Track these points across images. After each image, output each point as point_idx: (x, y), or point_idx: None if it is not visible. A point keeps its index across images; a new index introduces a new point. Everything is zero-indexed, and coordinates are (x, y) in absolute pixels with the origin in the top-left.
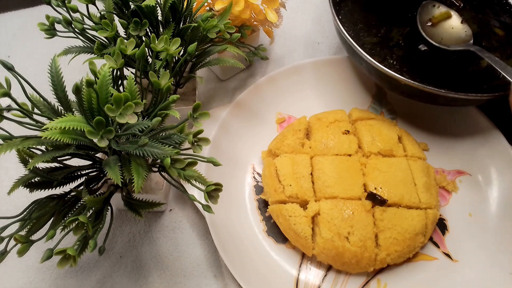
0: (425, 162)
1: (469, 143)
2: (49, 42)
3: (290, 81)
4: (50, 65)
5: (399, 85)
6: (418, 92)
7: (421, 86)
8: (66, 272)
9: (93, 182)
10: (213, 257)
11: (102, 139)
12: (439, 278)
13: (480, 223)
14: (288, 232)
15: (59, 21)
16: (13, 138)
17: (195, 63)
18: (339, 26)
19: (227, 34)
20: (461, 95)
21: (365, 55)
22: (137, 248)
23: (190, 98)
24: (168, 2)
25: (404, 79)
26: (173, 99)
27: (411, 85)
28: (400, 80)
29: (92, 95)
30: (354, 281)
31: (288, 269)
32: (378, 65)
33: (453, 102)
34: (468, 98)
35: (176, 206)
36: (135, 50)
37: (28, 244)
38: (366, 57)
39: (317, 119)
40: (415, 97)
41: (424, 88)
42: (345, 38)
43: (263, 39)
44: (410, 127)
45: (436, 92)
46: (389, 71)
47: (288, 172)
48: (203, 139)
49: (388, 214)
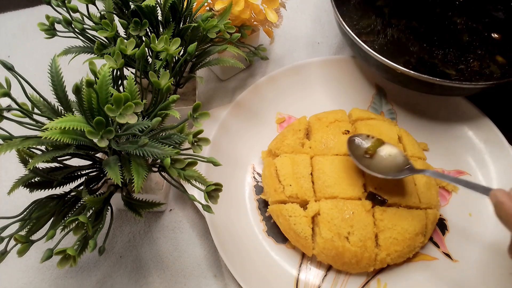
0: (425, 162)
1: (469, 143)
2: (49, 42)
3: (290, 81)
4: (50, 65)
5: (396, 74)
6: (414, 81)
7: (416, 75)
8: (66, 272)
9: (93, 182)
10: (213, 257)
11: (102, 139)
12: (439, 278)
13: (480, 223)
14: (288, 232)
15: (59, 21)
16: (13, 138)
17: (195, 63)
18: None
19: (227, 34)
20: (455, 83)
21: (363, 44)
22: (137, 248)
23: (190, 98)
24: (168, 2)
25: (401, 68)
26: (173, 99)
27: (408, 74)
28: (397, 69)
29: (92, 95)
30: (354, 281)
31: (288, 269)
32: (374, 54)
33: (449, 91)
34: (463, 86)
35: (176, 206)
36: (135, 50)
37: (28, 244)
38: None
39: (317, 119)
40: (411, 85)
41: (419, 77)
42: (343, 27)
43: (263, 39)
44: (410, 127)
45: (431, 81)
46: (386, 59)
47: (288, 172)
48: (203, 139)
49: (388, 214)
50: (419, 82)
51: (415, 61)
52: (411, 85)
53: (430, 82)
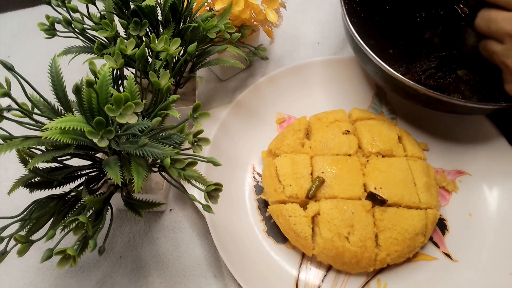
0: (425, 162)
1: (469, 143)
2: (49, 42)
3: (290, 81)
4: (50, 65)
5: (402, 86)
6: (418, 95)
7: (420, 88)
8: (66, 272)
9: (93, 182)
10: (213, 257)
11: (102, 139)
12: (439, 278)
13: (480, 223)
14: (288, 232)
15: (59, 21)
16: (13, 138)
17: (195, 63)
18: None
19: (227, 34)
20: (460, 101)
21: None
22: (137, 248)
23: (190, 98)
24: (168, 2)
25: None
26: (173, 99)
27: (413, 87)
28: (404, 81)
29: (92, 95)
30: (354, 281)
31: (288, 269)
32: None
33: (454, 109)
34: (468, 105)
35: (176, 206)
36: (135, 50)
37: (28, 244)
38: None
39: (317, 119)
40: (416, 100)
41: (425, 92)
42: (352, 35)
43: (263, 39)
44: (410, 127)
45: (438, 97)
46: (391, 69)
47: (288, 172)
48: (203, 139)
49: (388, 214)
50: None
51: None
52: (416, 100)
53: (435, 98)
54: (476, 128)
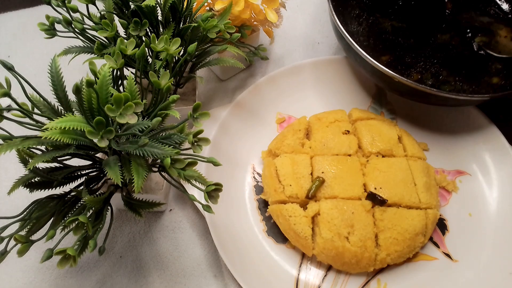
0: (425, 162)
1: (469, 143)
2: (49, 42)
3: (290, 81)
4: (50, 65)
5: (392, 82)
6: (409, 90)
7: (413, 84)
8: (66, 272)
9: (93, 182)
10: (213, 257)
11: (102, 139)
12: (439, 278)
13: (480, 223)
14: (288, 232)
15: (59, 21)
16: (13, 138)
17: (195, 63)
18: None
19: (227, 34)
20: (452, 94)
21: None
22: (137, 248)
23: (190, 98)
24: (168, 2)
25: (397, 76)
26: (173, 99)
27: (404, 83)
28: (394, 77)
29: (92, 95)
30: (354, 281)
31: (288, 269)
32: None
33: (444, 101)
34: (459, 98)
35: (176, 206)
36: (135, 50)
37: (28, 244)
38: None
39: (317, 119)
40: (406, 95)
41: (416, 86)
42: (340, 31)
43: (263, 39)
44: (410, 127)
45: (428, 91)
46: (382, 66)
47: (288, 172)
48: (203, 139)
49: (388, 214)
50: (413, 91)
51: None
52: (407, 95)
53: (426, 92)
54: (477, 128)
